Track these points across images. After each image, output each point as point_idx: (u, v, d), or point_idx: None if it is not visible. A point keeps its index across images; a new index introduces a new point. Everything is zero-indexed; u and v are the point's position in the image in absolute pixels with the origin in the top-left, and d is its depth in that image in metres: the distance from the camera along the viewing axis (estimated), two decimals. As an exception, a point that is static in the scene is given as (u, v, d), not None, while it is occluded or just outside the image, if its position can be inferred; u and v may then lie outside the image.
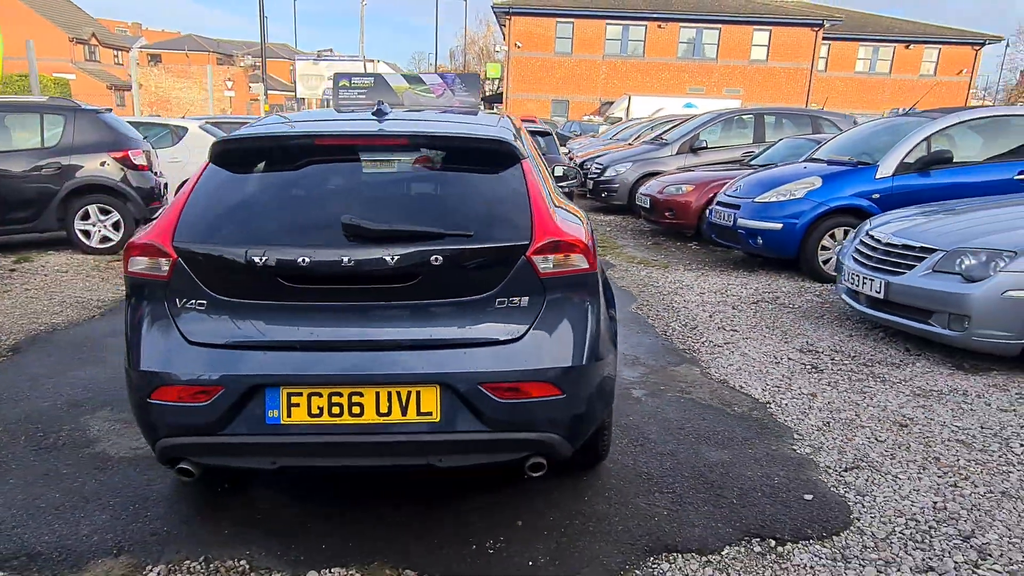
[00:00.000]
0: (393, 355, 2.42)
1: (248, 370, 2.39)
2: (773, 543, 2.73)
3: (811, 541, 2.73)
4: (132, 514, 2.88)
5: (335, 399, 2.41)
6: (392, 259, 2.39)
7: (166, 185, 8.96)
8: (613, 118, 30.72)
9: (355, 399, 2.41)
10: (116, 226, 8.14)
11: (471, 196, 2.62)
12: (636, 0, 35.23)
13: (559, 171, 4.63)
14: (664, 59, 35.22)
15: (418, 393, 2.42)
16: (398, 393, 2.42)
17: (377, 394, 2.41)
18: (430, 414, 2.42)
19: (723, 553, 2.68)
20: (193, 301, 2.47)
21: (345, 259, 2.38)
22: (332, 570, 2.59)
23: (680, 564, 2.62)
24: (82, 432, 3.56)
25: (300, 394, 2.41)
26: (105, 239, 8.12)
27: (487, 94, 37.23)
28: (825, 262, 7.02)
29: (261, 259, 2.38)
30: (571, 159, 12.40)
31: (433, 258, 2.40)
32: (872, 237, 5.20)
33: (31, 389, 4.08)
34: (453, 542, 2.74)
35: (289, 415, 2.41)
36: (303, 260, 2.38)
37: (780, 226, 6.99)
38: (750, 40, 35.61)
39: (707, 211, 8.22)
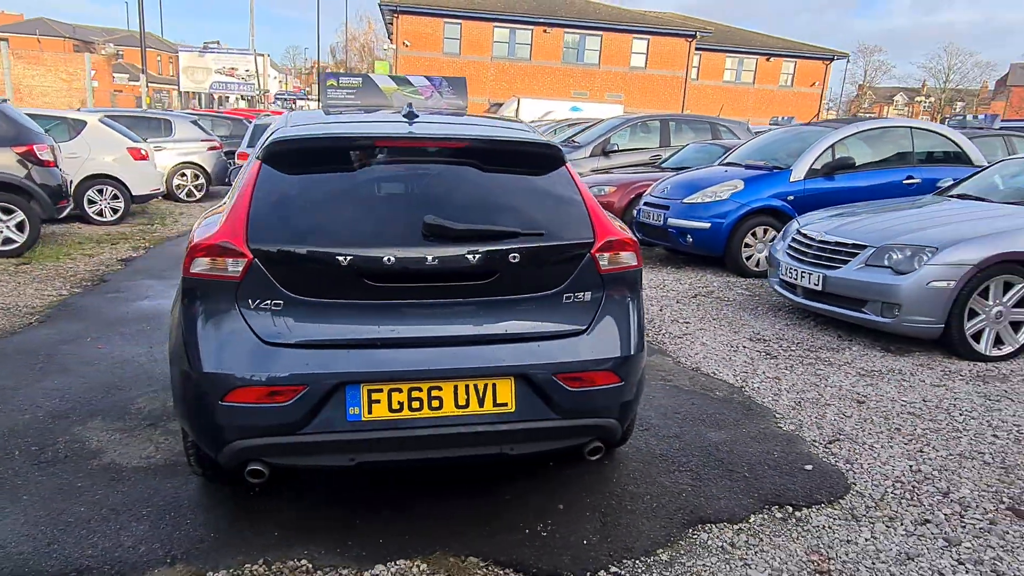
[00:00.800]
0: (471, 349, 2.53)
1: (331, 368, 2.42)
2: (791, 509, 3.04)
3: (822, 505, 3.07)
4: (171, 523, 2.80)
5: (415, 394, 2.48)
6: (474, 257, 2.49)
7: (71, 182, 8.35)
8: (503, 120, 31.18)
9: (434, 393, 2.50)
10: (20, 227, 7.50)
11: (529, 197, 2.75)
12: (522, 4, 35.93)
13: None
14: (550, 63, 36.13)
15: (494, 385, 2.53)
16: (475, 386, 2.52)
17: (455, 387, 2.51)
18: (505, 404, 2.54)
19: (751, 521, 2.96)
20: (268, 301, 2.45)
21: (429, 258, 2.46)
22: (397, 562, 2.65)
23: (717, 533, 2.87)
24: (81, 444, 3.37)
25: (381, 390, 2.46)
26: (8, 240, 7.47)
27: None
28: (748, 258, 7.61)
29: (345, 259, 2.42)
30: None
31: (511, 256, 2.53)
32: (805, 235, 5.73)
33: (1, 402, 3.79)
34: (505, 528, 2.86)
35: (370, 411, 2.46)
36: (388, 259, 2.43)
37: (708, 225, 7.51)
38: (630, 48, 37.19)
39: (635, 211, 8.66)
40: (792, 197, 7.52)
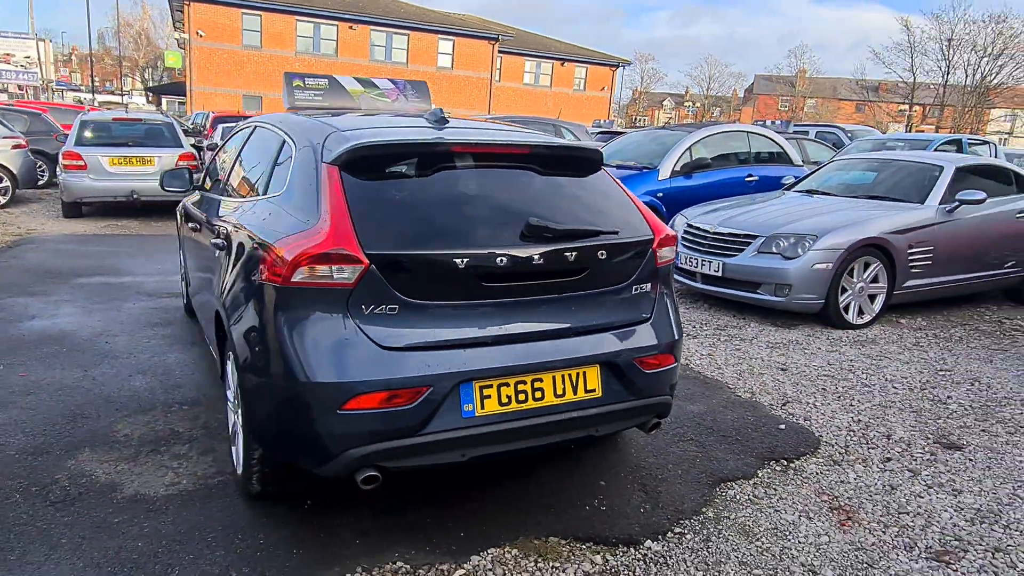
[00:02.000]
0: (566, 341, 2.72)
1: (451, 368, 2.49)
2: (786, 462, 3.57)
3: (808, 456, 3.63)
4: (247, 545, 2.69)
5: (520, 387, 2.63)
6: (571, 256, 2.68)
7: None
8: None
9: (536, 384, 2.66)
10: None
11: (588, 197, 2.98)
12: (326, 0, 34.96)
13: None
14: (358, 60, 35.52)
15: (584, 373, 2.75)
16: (569, 375, 2.72)
17: (554, 378, 2.69)
18: (594, 391, 2.77)
19: (760, 475, 3.44)
20: (383, 307, 2.46)
21: (535, 257, 2.61)
22: (488, 552, 2.77)
23: (739, 489, 3.31)
24: (87, 478, 3.04)
25: (491, 385, 2.58)
26: None
27: (163, 84, 33.73)
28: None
29: (463, 261, 2.50)
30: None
31: (599, 252, 2.75)
32: (697, 228, 6.45)
33: (-49, 443, 3.27)
34: (567, 508, 3.08)
35: (482, 407, 2.56)
36: (501, 260, 2.55)
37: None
38: (436, 48, 37.65)
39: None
40: (661, 194, 8.31)
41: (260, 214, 2.95)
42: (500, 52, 40.06)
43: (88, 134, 10.04)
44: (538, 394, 2.66)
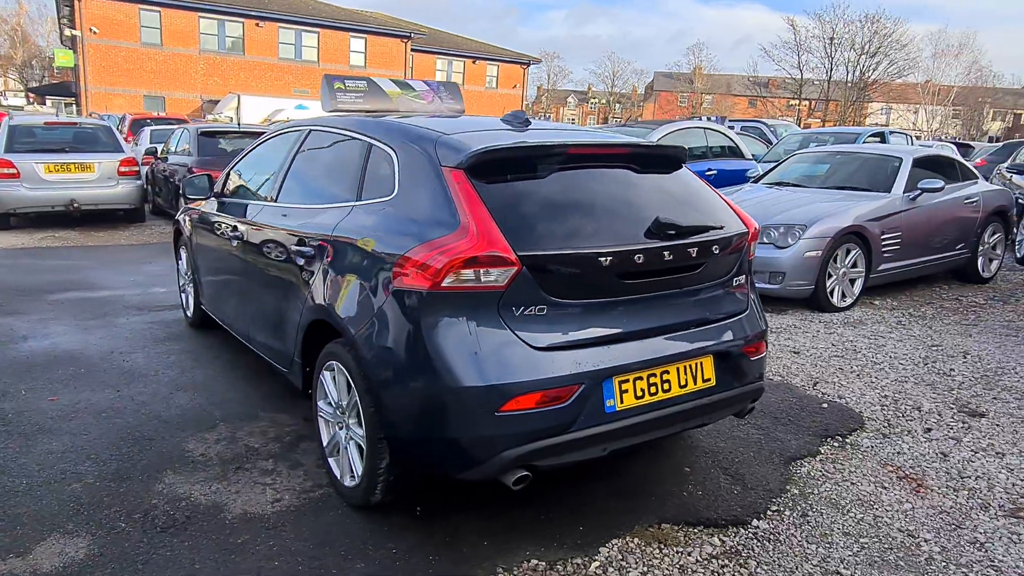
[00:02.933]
0: (688, 333, 2.82)
1: (597, 365, 2.54)
2: (840, 439, 3.80)
3: (858, 432, 3.88)
4: (384, 556, 2.65)
5: (652, 379, 2.71)
6: (694, 251, 2.78)
7: None
8: (224, 118, 29.07)
9: (664, 377, 2.75)
10: None
11: (682, 194, 3.08)
12: (230, -5, 33.56)
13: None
14: (266, 59, 34.35)
15: (701, 364, 2.86)
16: (690, 366, 2.82)
17: (678, 369, 2.78)
18: (709, 380, 2.88)
19: (823, 452, 3.66)
20: (532, 308, 2.48)
21: (666, 253, 2.69)
22: (612, 543, 2.84)
23: (810, 465, 3.51)
24: (185, 501, 2.90)
25: (628, 380, 2.65)
26: None
27: (46, 84, 31.50)
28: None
29: (606, 259, 2.55)
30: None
31: (714, 247, 2.87)
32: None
33: (17, 477, 3.02)
34: (666, 496, 3.18)
35: (621, 401, 2.63)
36: (638, 257, 2.62)
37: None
38: (348, 46, 36.90)
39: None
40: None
41: (363, 220, 2.89)
42: (412, 50, 39.69)
43: (19, 140, 9.32)
44: (666, 386, 2.74)
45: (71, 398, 3.88)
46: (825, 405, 4.20)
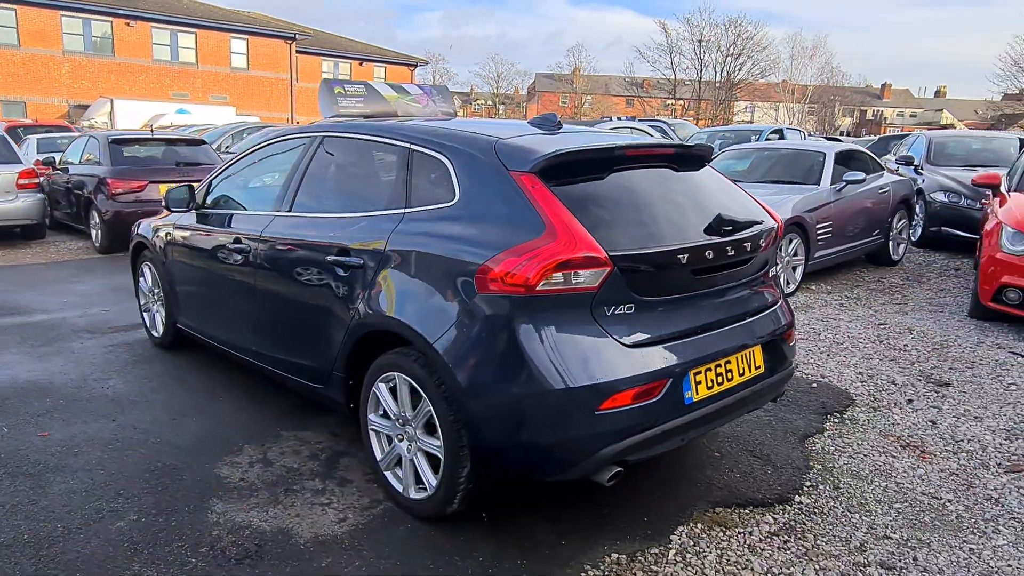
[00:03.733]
0: (743, 324, 2.96)
1: (683, 359, 2.64)
2: (838, 416, 4.09)
3: (854, 408, 4.18)
4: (475, 565, 2.63)
5: (718, 370, 2.83)
6: (748, 246, 2.92)
7: None
8: (99, 124, 27.13)
9: (728, 367, 2.87)
10: None
11: (719, 191, 3.21)
12: (96, -8, 31.23)
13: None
14: (140, 61, 32.24)
15: (753, 352, 3.01)
16: (745, 355, 2.96)
17: (737, 359, 2.92)
18: (759, 368, 3.04)
19: (828, 428, 3.93)
20: (622, 307, 2.54)
21: (729, 249, 2.81)
22: (679, 530, 2.94)
23: (821, 441, 3.76)
24: (247, 530, 2.74)
25: (700, 371, 2.75)
26: None
27: None
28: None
29: (684, 256, 2.64)
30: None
31: (761, 241, 3.02)
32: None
33: (53, 521, 2.75)
34: (709, 482, 3.31)
35: (697, 392, 2.73)
36: (708, 253, 2.72)
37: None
38: (229, 48, 35.25)
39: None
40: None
41: (423, 228, 2.84)
42: (298, 52, 38.48)
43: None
44: (729, 375, 2.87)
45: (64, 432, 3.55)
46: (814, 384, 4.50)
